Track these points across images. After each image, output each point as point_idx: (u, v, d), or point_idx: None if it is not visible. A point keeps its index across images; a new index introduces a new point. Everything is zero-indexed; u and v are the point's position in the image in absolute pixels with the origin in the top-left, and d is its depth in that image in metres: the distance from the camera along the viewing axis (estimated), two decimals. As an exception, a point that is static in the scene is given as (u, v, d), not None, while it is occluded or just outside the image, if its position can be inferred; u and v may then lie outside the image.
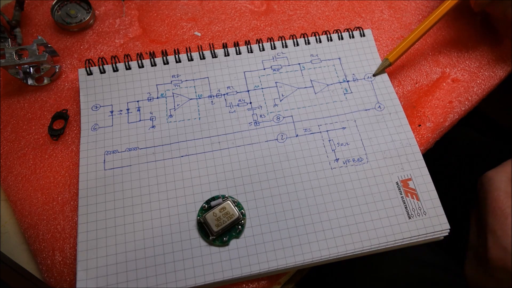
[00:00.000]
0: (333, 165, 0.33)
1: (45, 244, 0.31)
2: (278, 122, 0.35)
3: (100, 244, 0.29)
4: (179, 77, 0.37)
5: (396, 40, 0.41)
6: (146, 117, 0.35)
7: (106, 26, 0.42)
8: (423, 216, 0.31)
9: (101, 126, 0.34)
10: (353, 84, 0.37)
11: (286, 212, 0.31)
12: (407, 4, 0.44)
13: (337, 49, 0.39)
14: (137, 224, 0.30)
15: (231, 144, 0.34)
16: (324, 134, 0.34)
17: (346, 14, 0.43)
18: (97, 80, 0.36)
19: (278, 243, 0.30)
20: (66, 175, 0.33)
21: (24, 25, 0.41)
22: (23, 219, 0.32)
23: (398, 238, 0.30)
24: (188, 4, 0.43)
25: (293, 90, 0.37)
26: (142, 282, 0.28)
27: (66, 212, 0.32)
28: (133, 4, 0.43)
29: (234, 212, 0.30)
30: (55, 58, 0.39)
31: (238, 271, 0.29)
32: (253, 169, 0.33)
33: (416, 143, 0.34)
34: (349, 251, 0.30)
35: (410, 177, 0.33)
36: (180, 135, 0.34)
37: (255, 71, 0.38)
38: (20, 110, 0.36)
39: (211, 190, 0.32)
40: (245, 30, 0.42)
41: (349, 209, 0.31)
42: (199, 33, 0.41)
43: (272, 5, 0.44)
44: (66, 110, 0.36)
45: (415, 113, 0.37)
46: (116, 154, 0.33)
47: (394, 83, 0.39)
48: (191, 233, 0.30)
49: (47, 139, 0.35)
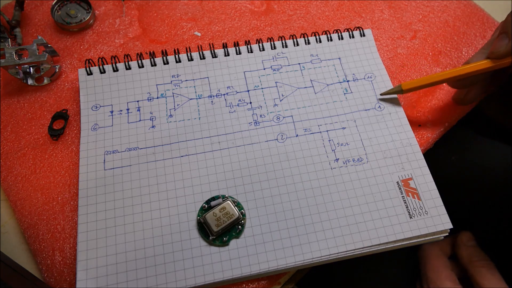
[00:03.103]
0: (333, 165, 0.33)
1: (45, 244, 0.31)
2: (278, 122, 0.35)
3: (100, 244, 0.29)
4: (179, 77, 0.37)
5: (396, 40, 0.41)
6: (146, 117, 0.35)
7: (106, 26, 0.42)
8: (424, 215, 0.31)
9: (101, 126, 0.34)
10: (353, 84, 0.37)
11: (286, 212, 0.31)
12: (407, 4, 0.44)
13: (337, 49, 0.39)
14: (137, 224, 0.30)
15: (231, 144, 0.34)
16: (324, 134, 0.34)
17: (346, 14, 0.43)
18: (97, 80, 0.36)
19: (278, 243, 0.30)
20: (66, 175, 0.33)
21: (24, 25, 0.41)
22: (23, 219, 0.32)
23: (399, 237, 0.30)
24: (188, 4, 0.43)
25: (293, 90, 0.37)
26: (142, 282, 0.28)
27: (66, 212, 0.32)
28: (133, 4, 0.43)
29: (234, 212, 0.30)
30: (55, 58, 0.39)
31: (238, 271, 0.29)
32: (253, 169, 0.33)
33: (417, 143, 0.34)
34: (349, 251, 0.29)
35: (411, 176, 0.33)
36: (180, 135, 0.34)
37: (255, 71, 0.38)
38: (20, 110, 0.36)
39: (211, 190, 0.32)
40: (245, 30, 0.42)
41: (349, 209, 0.31)
42: (199, 33, 0.41)
43: (272, 5, 0.44)
44: (66, 110, 0.36)
45: (415, 113, 0.37)
46: (116, 154, 0.33)
47: (394, 83, 0.39)
48: (191, 233, 0.30)
49: (47, 139, 0.35)
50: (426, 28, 0.42)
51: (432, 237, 0.31)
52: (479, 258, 0.38)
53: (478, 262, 0.37)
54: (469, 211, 0.41)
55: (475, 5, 0.44)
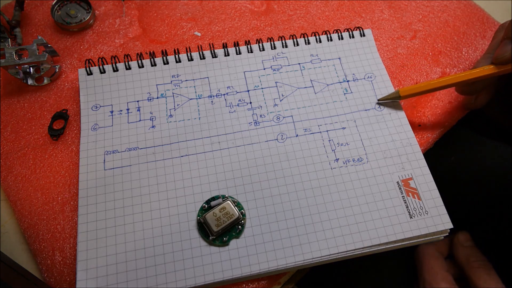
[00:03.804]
0: (333, 165, 0.33)
1: (45, 244, 0.31)
2: (278, 122, 0.35)
3: (100, 244, 0.29)
4: (179, 77, 0.37)
5: (396, 40, 0.41)
6: (146, 117, 0.35)
7: (106, 26, 0.42)
8: (425, 215, 0.31)
9: (101, 126, 0.34)
10: (353, 84, 0.37)
11: (286, 212, 0.31)
12: (407, 4, 0.44)
13: (337, 49, 0.39)
14: (137, 224, 0.30)
15: (231, 144, 0.34)
16: (324, 134, 0.34)
17: (346, 14, 0.43)
18: (97, 80, 0.36)
19: (278, 243, 0.30)
20: (66, 175, 0.33)
21: (24, 25, 0.41)
22: (23, 219, 0.32)
23: (400, 237, 0.30)
24: (188, 4, 0.43)
25: (293, 90, 0.37)
26: (142, 282, 0.28)
27: (66, 212, 0.32)
28: (133, 4, 0.43)
29: (234, 212, 0.30)
30: (55, 58, 0.39)
31: (238, 271, 0.28)
32: (253, 169, 0.33)
33: (417, 143, 0.34)
34: (349, 251, 0.29)
35: (411, 176, 0.33)
36: (180, 135, 0.34)
37: (255, 71, 0.38)
38: (20, 110, 0.36)
39: (211, 190, 0.32)
40: (245, 30, 0.42)
41: (349, 209, 0.31)
42: (199, 33, 0.41)
43: (272, 5, 0.44)
44: (66, 110, 0.36)
45: (415, 113, 0.37)
46: (116, 154, 0.33)
47: (394, 83, 0.39)
48: (191, 233, 0.30)
49: (47, 139, 0.35)
50: (426, 28, 0.42)
51: (432, 237, 0.31)
52: (476, 258, 0.38)
53: (475, 263, 0.37)
54: (469, 211, 0.41)
55: (475, 5, 0.44)
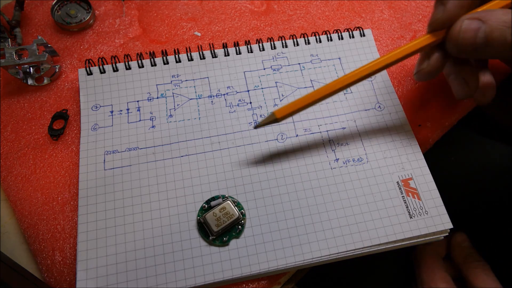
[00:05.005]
0: (333, 165, 0.33)
1: (45, 244, 0.31)
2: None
3: (100, 244, 0.29)
4: (179, 77, 0.37)
5: (396, 40, 0.41)
6: (146, 117, 0.35)
7: (106, 26, 0.42)
8: (424, 215, 0.31)
9: (101, 126, 0.34)
10: (353, 84, 0.37)
11: (286, 212, 0.31)
12: (407, 4, 0.44)
13: (337, 49, 0.39)
14: (137, 224, 0.30)
15: (231, 144, 0.34)
16: (324, 134, 0.34)
17: (346, 14, 0.43)
18: (97, 80, 0.36)
19: (278, 243, 0.30)
20: (66, 175, 0.33)
21: (24, 25, 0.41)
22: (23, 219, 0.32)
23: (399, 237, 0.30)
24: (188, 4, 0.43)
25: (293, 90, 0.37)
26: (142, 282, 0.28)
27: (66, 212, 0.32)
28: (133, 4, 0.43)
29: (234, 212, 0.30)
30: (55, 58, 0.39)
31: (238, 271, 0.29)
32: (253, 169, 0.33)
33: (417, 143, 0.34)
34: (349, 251, 0.29)
35: (411, 176, 0.33)
36: (180, 135, 0.34)
37: (255, 71, 0.38)
38: (20, 110, 0.36)
39: (211, 190, 0.32)
40: (245, 30, 0.42)
41: (349, 209, 0.31)
42: (199, 33, 0.41)
43: (272, 5, 0.44)
44: (66, 110, 0.36)
45: (415, 113, 0.37)
46: (116, 154, 0.33)
47: (394, 83, 0.39)
48: (191, 233, 0.30)
49: (47, 139, 0.35)
50: (426, 28, 0.42)
51: (432, 237, 0.31)
52: (473, 258, 0.37)
53: (472, 263, 0.37)
54: (468, 211, 0.41)
55: (475, 5, 0.44)
